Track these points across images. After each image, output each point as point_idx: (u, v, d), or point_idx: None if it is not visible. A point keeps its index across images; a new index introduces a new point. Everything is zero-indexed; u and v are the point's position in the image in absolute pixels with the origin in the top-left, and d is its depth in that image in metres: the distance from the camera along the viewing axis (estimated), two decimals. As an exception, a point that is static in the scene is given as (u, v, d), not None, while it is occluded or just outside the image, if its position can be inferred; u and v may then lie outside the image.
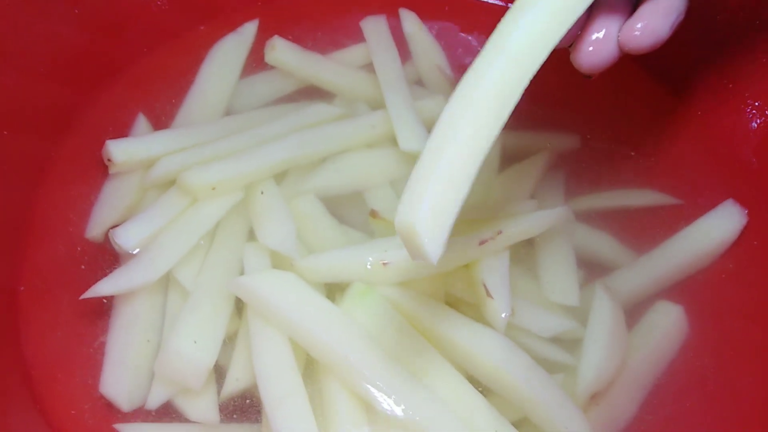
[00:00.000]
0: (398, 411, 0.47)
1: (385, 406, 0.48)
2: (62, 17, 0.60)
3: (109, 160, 0.59)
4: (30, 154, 0.59)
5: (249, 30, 0.70)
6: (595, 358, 0.53)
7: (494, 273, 0.53)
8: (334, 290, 0.55)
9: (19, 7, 0.57)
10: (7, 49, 0.57)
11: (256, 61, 0.70)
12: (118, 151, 0.59)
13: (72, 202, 0.59)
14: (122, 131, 0.63)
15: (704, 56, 0.64)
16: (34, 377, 0.52)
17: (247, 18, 0.71)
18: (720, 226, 0.59)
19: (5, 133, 0.57)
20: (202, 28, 0.71)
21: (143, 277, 0.53)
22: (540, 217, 0.57)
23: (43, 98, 0.60)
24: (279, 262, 0.55)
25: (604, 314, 0.55)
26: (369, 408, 0.49)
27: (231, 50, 0.69)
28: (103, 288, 0.53)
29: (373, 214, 0.58)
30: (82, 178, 0.60)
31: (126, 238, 0.55)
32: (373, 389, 0.48)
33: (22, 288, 0.56)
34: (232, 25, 0.70)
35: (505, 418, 0.49)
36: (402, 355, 0.50)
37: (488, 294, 0.52)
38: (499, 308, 0.51)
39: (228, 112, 0.66)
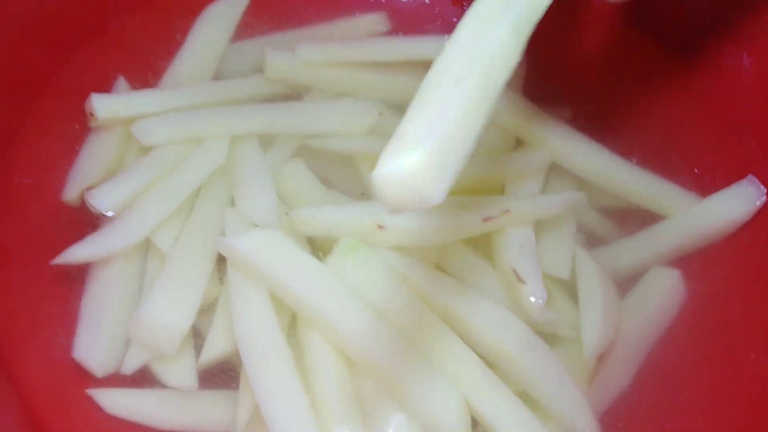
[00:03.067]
0: (386, 371, 0.46)
1: (373, 366, 0.47)
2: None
3: (91, 114, 0.57)
4: (5, 116, 0.57)
5: None
6: (595, 318, 0.51)
7: (523, 256, 0.51)
8: (318, 249, 0.54)
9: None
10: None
11: (248, 26, 0.68)
12: (102, 106, 0.57)
13: (48, 165, 0.58)
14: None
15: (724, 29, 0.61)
16: (4, 342, 0.51)
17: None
18: (733, 204, 0.56)
19: (-21, 97, 0.55)
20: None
21: (120, 242, 0.52)
22: (551, 201, 0.56)
23: (19, 60, 0.58)
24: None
25: (591, 275, 0.53)
26: (352, 363, 0.48)
27: (222, 13, 0.67)
28: (76, 253, 0.52)
29: None
30: (59, 140, 0.59)
31: (101, 200, 0.54)
32: (360, 349, 0.47)
33: (-5, 252, 0.54)
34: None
35: (502, 382, 0.48)
36: (392, 314, 0.49)
37: (519, 279, 0.50)
38: (532, 293, 0.49)
39: (216, 77, 0.65)
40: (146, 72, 0.64)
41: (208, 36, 0.65)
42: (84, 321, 0.52)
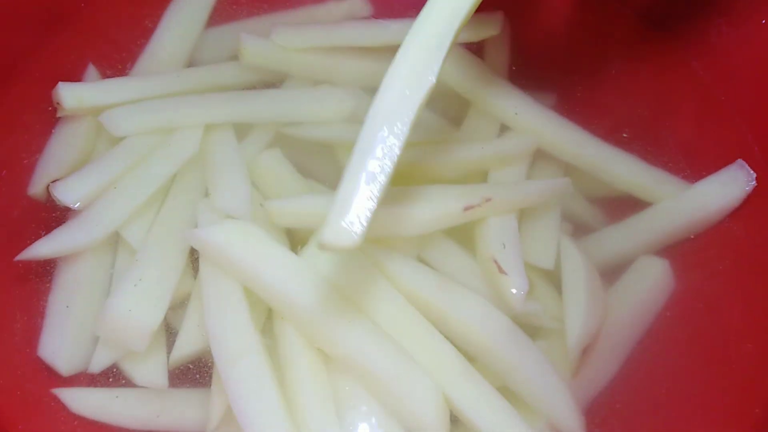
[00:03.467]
0: (362, 366, 0.45)
1: (348, 360, 0.46)
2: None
3: (58, 103, 0.56)
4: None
5: None
6: (578, 310, 0.50)
7: (505, 246, 0.50)
8: (297, 241, 0.53)
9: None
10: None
11: (223, 11, 0.66)
12: (70, 95, 0.56)
13: (14, 156, 0.56)
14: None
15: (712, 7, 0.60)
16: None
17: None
18: (722, 189, 0.55)
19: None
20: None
21: (86, 237, 0.51)
22: (535, 188, 0.54)
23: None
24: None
25: (575, 265, 0.52)
26: (331, 362, 0.47)
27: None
28: (42, 248, 0.50)
29: None
30: (25, 132, 0.57)
31: (67, 193, 0.52)
32: (335, 342, 0.46)
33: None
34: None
35: (481, 376, 0.47)
36: (369, 307, 0.48)
37: (500, 270, 0.49)
38: (514, 285, 0.48)
39: (190, 65, 0.63)
40: (118, 60, 0.62)
41: (182, 22, 0.64)
42: (50, 318, 0.50)
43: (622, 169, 0.57)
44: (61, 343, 0.49)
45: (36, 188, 0.55)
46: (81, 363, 0.49)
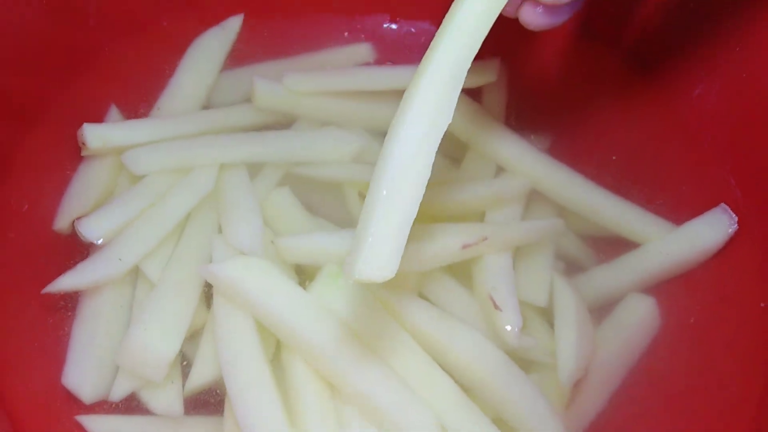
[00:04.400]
0: (365, 396, 0.48)
1: (353, 391, 0.48)
2: (29, 3, 0.58)
3: (83, 143, 0.58)
4: (-3, 145, 0.58)
5: (233, 24, 0.69)
6: (570, 346, 0.52)
7: (500, 284, 0.53)
8: (305, 276, 0.55)
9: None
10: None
11: (238, 55, 0.69)
12: (94, 135, 0.58)
13: (40, 194, 0.58)
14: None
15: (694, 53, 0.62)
16: (-4, 369, 0.52)
17: (226, 9, 0.70)
18: (705, 232, 0.56)
19: (-28, 125, 0.56)
20: (180, 18, 0.69)
21: (109, 271, 0.53)
22: (530, 228, 0.57)
23: (12, 89, 0.59)
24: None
25: (567, 302, 0.54)
26: (336, 392, 0.49)
27: (213, 44, 0.68)
28: (66, 282, 0.52)
29: (363, 195, 0.57)
30: (51, 170, 0.59)
31: (91, 229, 0.54)
32: (341, 374, 0.48)
33: (-13, 279, 0.55)
34: (211, 16, 0.69)
35: (477, 407, 0.49)
36: (373, 340, 0.50)
37: (496, 306, 0.51)
38: (508, 321, 0.51)
39: (207, 107, 0.66)
40: (139, 102, 0.65)
41: (199, 66, 0.67)
42: (74, 348, 0.52)
43: (612, 210, 0.59)
44: (83, 373, 0.51)
45: (61, 224, 0.57)
46: (102, 391, 0.51)
